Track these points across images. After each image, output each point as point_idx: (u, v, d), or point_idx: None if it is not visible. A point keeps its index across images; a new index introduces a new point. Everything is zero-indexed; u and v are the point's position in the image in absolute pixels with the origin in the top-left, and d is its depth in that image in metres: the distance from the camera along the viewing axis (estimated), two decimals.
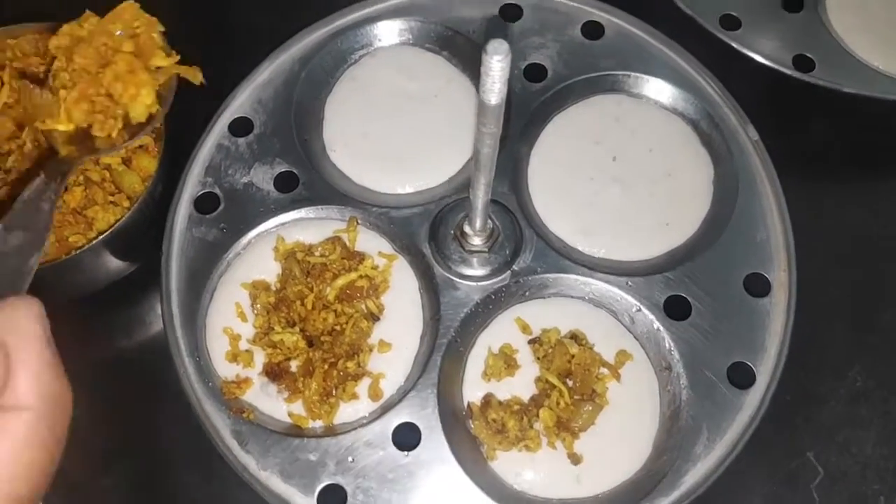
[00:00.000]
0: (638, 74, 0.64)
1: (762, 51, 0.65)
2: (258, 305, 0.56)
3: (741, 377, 0.54)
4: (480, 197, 0.51)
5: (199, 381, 0.54)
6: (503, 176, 0.60)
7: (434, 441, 0.52)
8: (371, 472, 0.52)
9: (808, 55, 0.66)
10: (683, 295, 0.57)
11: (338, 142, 0.63)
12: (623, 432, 0.54)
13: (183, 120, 0.59)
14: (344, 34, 0.66)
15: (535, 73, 0.64)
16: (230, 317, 0.56)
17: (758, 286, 0.57)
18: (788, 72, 0.65)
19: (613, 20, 0.66)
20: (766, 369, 0.54)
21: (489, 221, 0.56)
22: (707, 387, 0.54)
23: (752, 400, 0.53)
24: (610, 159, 0.62)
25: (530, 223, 0.59)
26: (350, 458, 0.52)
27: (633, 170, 0.61)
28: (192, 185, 0.60)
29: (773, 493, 0.59)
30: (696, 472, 0.52)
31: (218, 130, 0.62)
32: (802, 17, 0.70)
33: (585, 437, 0.53)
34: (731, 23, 0.68)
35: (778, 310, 0.56)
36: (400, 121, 0.63)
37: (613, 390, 0.55)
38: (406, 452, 0.52)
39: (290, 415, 0.54)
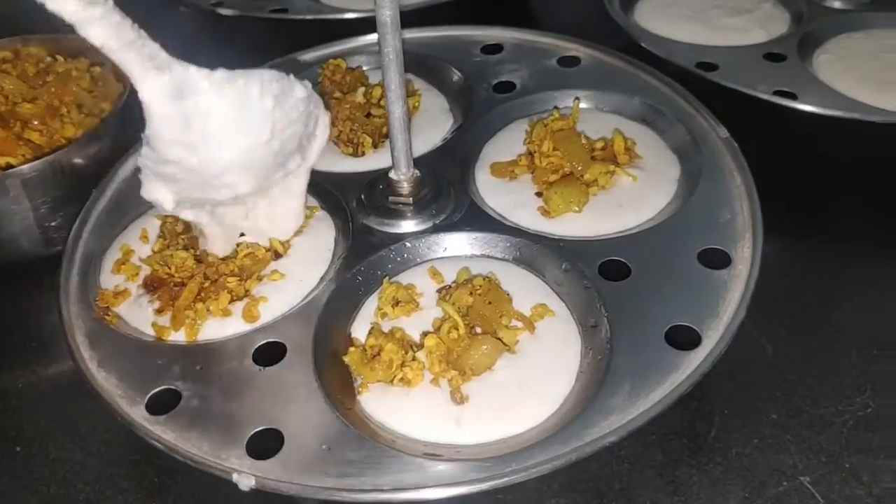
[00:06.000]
0: (605, 91, 0.62)
1: (739, 84, 0.62)
2: (164, 230, 0.53)
3: (683, 339, 0.44)
4: (397, 122, 0.49)
5: (79, 285, 0.50)
6: (453, 160, 0.58)
7: (298, 362, 0.45)
8: (216, 380, 0.44)
9: (790, 90, 0.63)
10: (622, 260, 0.49)
11: None
12: (527, 383, 0.44)
13: None
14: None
15: (503, 88, 0.64)
16: (133, 238, 0.53)
17: (716, 260, 0.49)
18: (767, 97, 0.61)
19: (590, 52, 0.66)
20: (714, 334, 0.44)
21: (415, 171, 0.53)
22: (638, 345, 0.44)
23: (693, 361, 0.43)
24: None
25: (468, 193, 0.55)
26: (198, 366, 0.45)
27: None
28: None
29: None
30: (608, 425, 0.40)
31: None
32: (787, 66, 0.67)
33: (479, 381, 0.44)
34: (707, 67, 0.66)
35: (738, 280, 0.47)
36: None
37: (526, 342, 0.46)
38: (262, 367, 0.44)
39: (153, 325, 0.48)
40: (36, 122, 0.59)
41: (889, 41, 0.70)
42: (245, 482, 0.39)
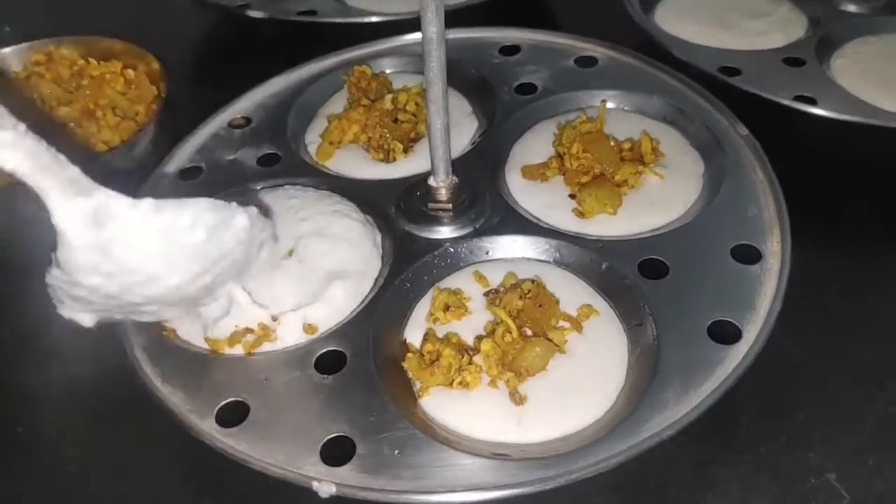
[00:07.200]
0: (626, 91, 0.64)
1: (762, 90, 0.63)
2: None
3: (724, 333, 0.47)
4: (438, 132, 0.50)
5: None
6: (484, 164, 0.59)
7: (360, 369, 0.46)
8: (283, 391, 0.46)
9: (810, 95, 0.64)
10: (660, 258, 0.51)
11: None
12: (580, 381, 0.46)
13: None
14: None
15: (525, 89, 0.66)
16: None
17: (747, 255, 0.51)
18: (787, 103, 0.63)
19: (607, 52, 0.68)
20: (754, 327, 0.46)
21: (454, 177, 0.54)
22: (684, 341, 0.46)
23: (736, 354, 0.45)
24: None
25: (502, 196, 0.57)
26: (263, 378, 0.46)
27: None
28: (179, 159, 0.62)
29: None
30: (664, 419, 0.42)
31: (217, 123, 0.65)
32: (806, 70, 0.69)
33: (534, 380, 0.46)
34: (730, 72, 0.68)
35: (770, 274, 0.49)
36: None
37: (574, 342, 0.48)
38: (326, 376, 0.46)
39: (206, 339, 0.49)
40: (73, 126, 0.60)
41: None
42: (325, 489, 0.40)
